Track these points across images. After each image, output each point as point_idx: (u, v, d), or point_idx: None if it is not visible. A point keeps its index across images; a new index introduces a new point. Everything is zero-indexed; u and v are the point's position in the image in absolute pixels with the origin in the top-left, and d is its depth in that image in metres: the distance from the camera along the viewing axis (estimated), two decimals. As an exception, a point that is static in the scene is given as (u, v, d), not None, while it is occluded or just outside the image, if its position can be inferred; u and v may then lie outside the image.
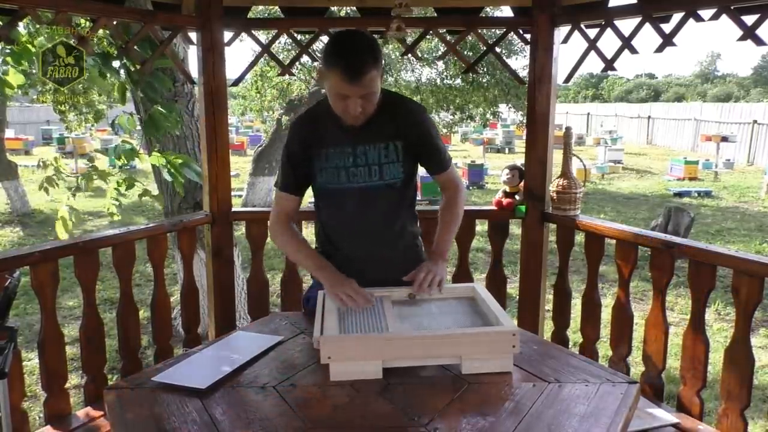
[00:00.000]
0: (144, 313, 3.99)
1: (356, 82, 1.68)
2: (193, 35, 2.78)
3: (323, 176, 1.92)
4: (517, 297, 3.04)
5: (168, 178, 3.13)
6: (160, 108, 3.00)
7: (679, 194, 11.53)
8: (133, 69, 3.02)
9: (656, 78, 60.21)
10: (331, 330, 1.54)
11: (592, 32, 2.58)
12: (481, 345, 1.53)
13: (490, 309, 1.68)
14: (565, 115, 28.27)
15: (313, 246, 2.08)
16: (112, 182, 3.39)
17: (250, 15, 2.97)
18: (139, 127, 3.51)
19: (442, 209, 2.05)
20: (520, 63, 11.30)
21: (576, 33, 2.63)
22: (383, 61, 1.80)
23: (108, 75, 2.96)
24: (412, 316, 1.73)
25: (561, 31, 2.71)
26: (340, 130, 1.87)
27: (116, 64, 2.99)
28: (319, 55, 2.81)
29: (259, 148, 8.88)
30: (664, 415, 2.18)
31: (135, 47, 2.55)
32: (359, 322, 1.64)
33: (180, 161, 3.11)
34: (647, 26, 2.35)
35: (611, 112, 28.35)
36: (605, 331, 2.97)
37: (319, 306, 1.73)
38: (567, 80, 2.72)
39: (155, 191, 3.62)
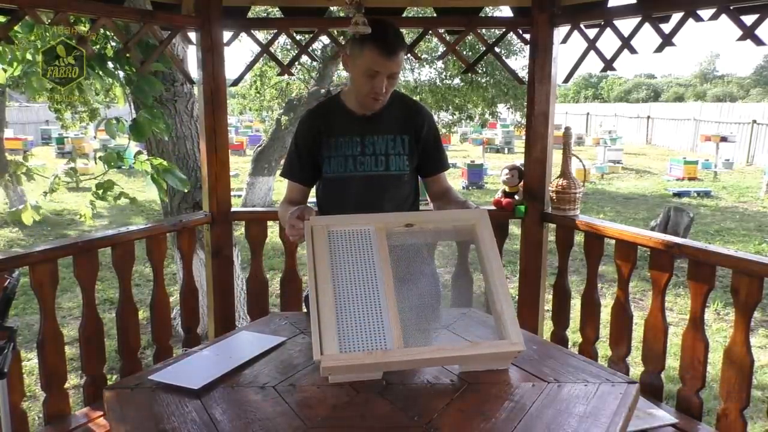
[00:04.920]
0: (144, 313, 3.99)
1: (392, 57, 1.80)
2: (192, 35, 2.77)
3: (331, 165, 1.96)
4: (517, 297, 3.04)
5: (151, 184, 3.11)
6: (145, 112, 2.98)
7: (679, 194, 11.54)
8: (127, 70, 3.01)
9: (656, 78, 60.23)
10: (330, 345, 1.43)
11: (591, 32, 2.58)
12: (484, 360, 1.54)
13: (492, 275, 1.58)
14: (564, 115, 28.29)
15: None
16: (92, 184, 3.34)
17: (250, 15, 2.97)
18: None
19: (441, 202, 2.03)
20: (519, 63, 11.32)
21: (575, 33, 2.63)
22: None
23: (102, 76, 2.95)
24: (410, 279, 1.61)
25: (560, 31, 2.71)
26: (350, 121, 1.95)
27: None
28: (318, 54, 2.81)
29: (259, 148, 8.87)
30: (664, 415, 2.19)
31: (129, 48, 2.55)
32: (358, 312, 1.49)
33: (164, 168, 3.08)
34: (647, 26, 2.35)
35: (611, 112, 28.35)
36: (605, 331, 2.97)
37: (313, 308, 1.56)
38: (566, 80, 2.72)
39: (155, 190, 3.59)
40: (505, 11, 3.85)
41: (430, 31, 2.83)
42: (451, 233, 1.79)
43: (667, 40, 2.31)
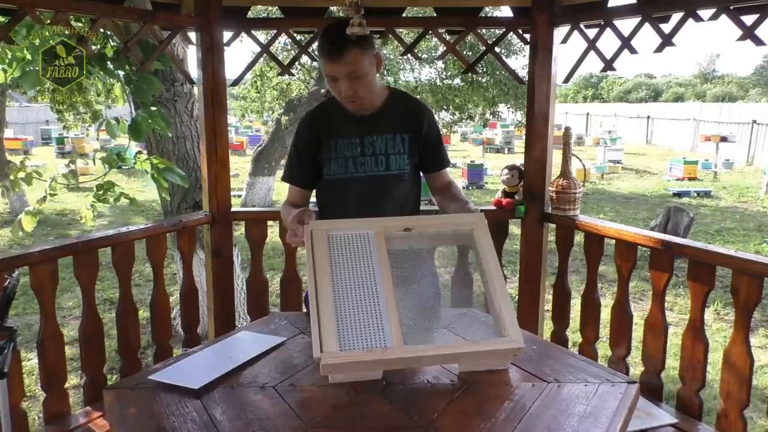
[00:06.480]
0: (144, 313, 3.99)
1: (337, 59, 1.76)
2: (192, 35, 2.78)
3: (331, 166, 1.96)
4: (517, 297, 3.04)
5: (151, 182, 3.11)
6: (143, 112, 2.98)
7: (679, 194, 11.55)
8: (126, 70, 3.01)
9: (655, 78, 60.24)
10: (330, 343, 1.43)
11: (591, 32, 2.58)
12: (484, 359, 1.53)
13: (490, 275, 1.59)
14: (564, 115, 28.30)
15: None
16: (93, 185, 3.33)
17: (250, 15, 2.97)
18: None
19: (444, 197, 2.03)
20: (519, 63, 11.34)
21: (575, 33, 2.63)
22: (375, 50, 1.86)
23: (102, 75, 2.95)
24: (410, 281, 1.62)
25: (560, 31, 2.71)
26: (349, 121, 1.93)
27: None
28: (318, 54, 2.80)
29: (259, 148, 8.88)
30: (664, 415, 2.19)
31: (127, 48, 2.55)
32: (357, 313, 1.50)
33: (163, 166, 3.07)
34: (647, 26, 2.35)
35: (610, 112, 28.36)
36: (605, 331, 2.97)
37: (313, 310, 1.57)
38: (566, 80, 2.72)
39: (155, 190, 3.58)
40: (505, 11, 3.86)
41: (430, 31, 2.83)
42: (450, 237, 1.78)
43: (667, 40, 2.30)
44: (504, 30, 2.90)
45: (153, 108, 3.02)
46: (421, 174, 2.10)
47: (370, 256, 1.60)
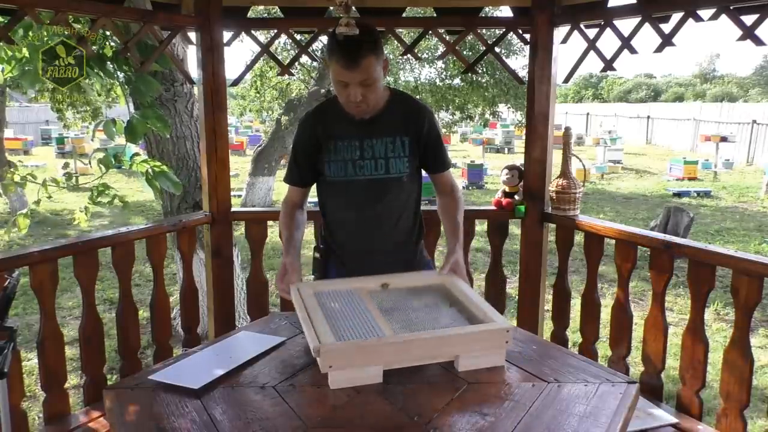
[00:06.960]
0: (144, 313, 3.99)
1: (353, 67, 1.73)
2: (192, 35, 2.78)
3: (331, 169, 1.96)
4: (517, 297, 3.04)
5: (147, 186, 3.09)
6: (140, 113, 2.97)
7: (679, 194, 11.55)
8: (125, 70, 3.00)
9: (655, 78, 60.21)
10: (327, 337, 1.48)
11: (591, 32, 2.58)
12: (478, 342, 1.55)
13: (469, 298, 1.70)
14: (564, 115, 28.29)
15: (314, 244, 2.12)
16: (90, 185, 3.31)
17: (250, 15, 2.97)
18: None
19: (443, 206, 2.07)
20: (519, 62, 11.35)
21: (575, 33, 2.63)
22: (384, 52, 1.84)
23: (102, 76, 2.94)
24: (395, 310, 1.70)
25: (560, 31, 2.71)
26: (348, 123, 1.92)
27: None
28: (318, 55, 2.81)
29: (259, 148, 8.88)
30: (664, 415, 2.19)
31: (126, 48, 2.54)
32: (350, 323, 1.59)
33: (158, 170, 3.05)
34: (647, 26, 2.35)
35: (610, 112, 28.37)
36: (605, 331, 2.97)
37: (301, 309, 1.65)
38: (566, 80, 2.72)
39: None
40: (505, 11, 3.86)
41: (430, 31, 2.83)
42: (426, 290, 1.84)
43: (667, 40, 2.31)
44: (504, 30, 2.90)
45: (149, 109, 3.00)
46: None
47: (360, 303, 1.70)
